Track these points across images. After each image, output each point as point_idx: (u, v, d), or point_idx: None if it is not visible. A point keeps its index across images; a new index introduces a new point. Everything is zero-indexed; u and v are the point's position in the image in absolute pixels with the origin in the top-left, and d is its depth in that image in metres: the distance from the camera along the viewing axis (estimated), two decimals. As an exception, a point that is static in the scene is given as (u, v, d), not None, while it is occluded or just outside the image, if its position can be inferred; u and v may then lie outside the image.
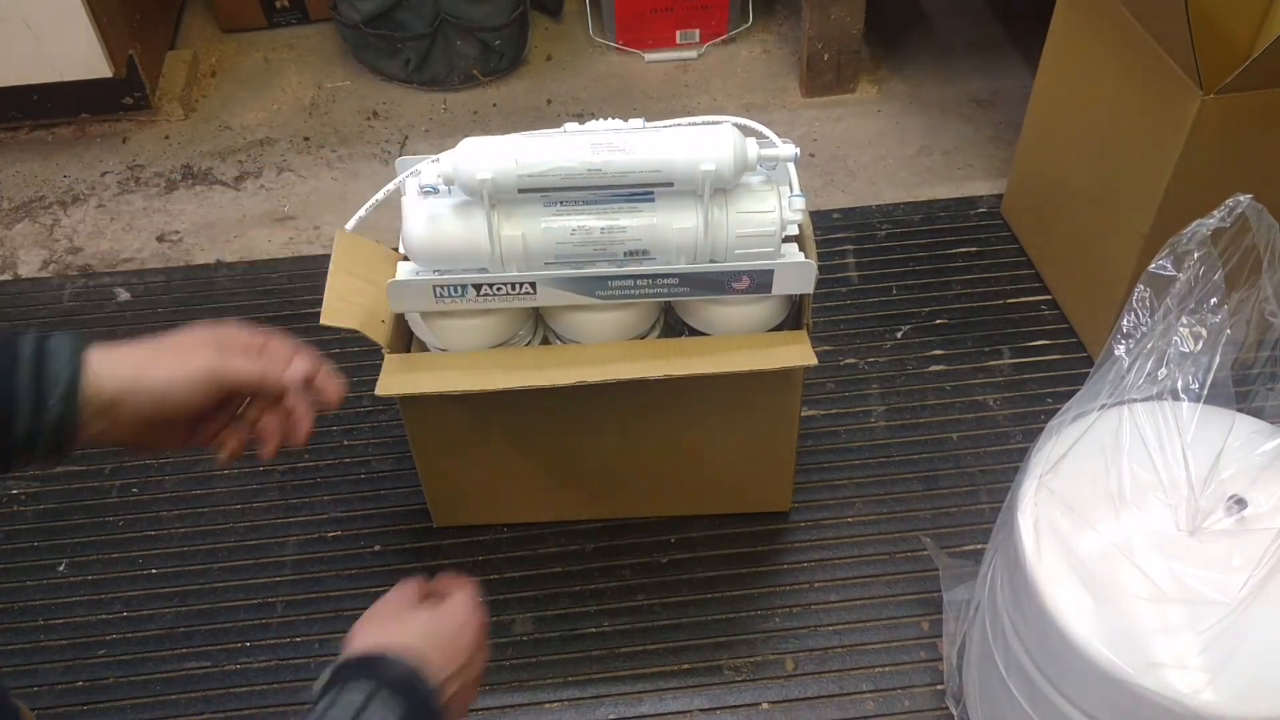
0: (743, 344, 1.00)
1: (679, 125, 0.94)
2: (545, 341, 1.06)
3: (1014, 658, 0.85)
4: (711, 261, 0.95)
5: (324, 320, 0.97)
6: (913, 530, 1.16)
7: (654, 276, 0.96)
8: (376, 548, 1.18)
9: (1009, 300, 1.39)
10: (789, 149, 0.93)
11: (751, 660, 1.08)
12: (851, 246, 1.47)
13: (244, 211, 1.59)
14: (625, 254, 0.94)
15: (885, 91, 1.72)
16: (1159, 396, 0.83)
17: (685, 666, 1.08)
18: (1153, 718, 0.74)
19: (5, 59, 1.61)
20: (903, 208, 1.52)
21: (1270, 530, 0.76)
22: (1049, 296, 1.38)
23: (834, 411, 1.28)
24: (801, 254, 0.98)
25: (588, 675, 1.07)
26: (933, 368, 1.32)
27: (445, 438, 1.09)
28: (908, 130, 1.65)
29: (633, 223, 0.93)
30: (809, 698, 1.05)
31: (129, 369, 0.57)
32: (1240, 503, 0.79)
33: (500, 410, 1.06)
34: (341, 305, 0.99)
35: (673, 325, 1.06)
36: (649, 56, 1.81)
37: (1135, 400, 0.84)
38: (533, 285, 0.96)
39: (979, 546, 1.13)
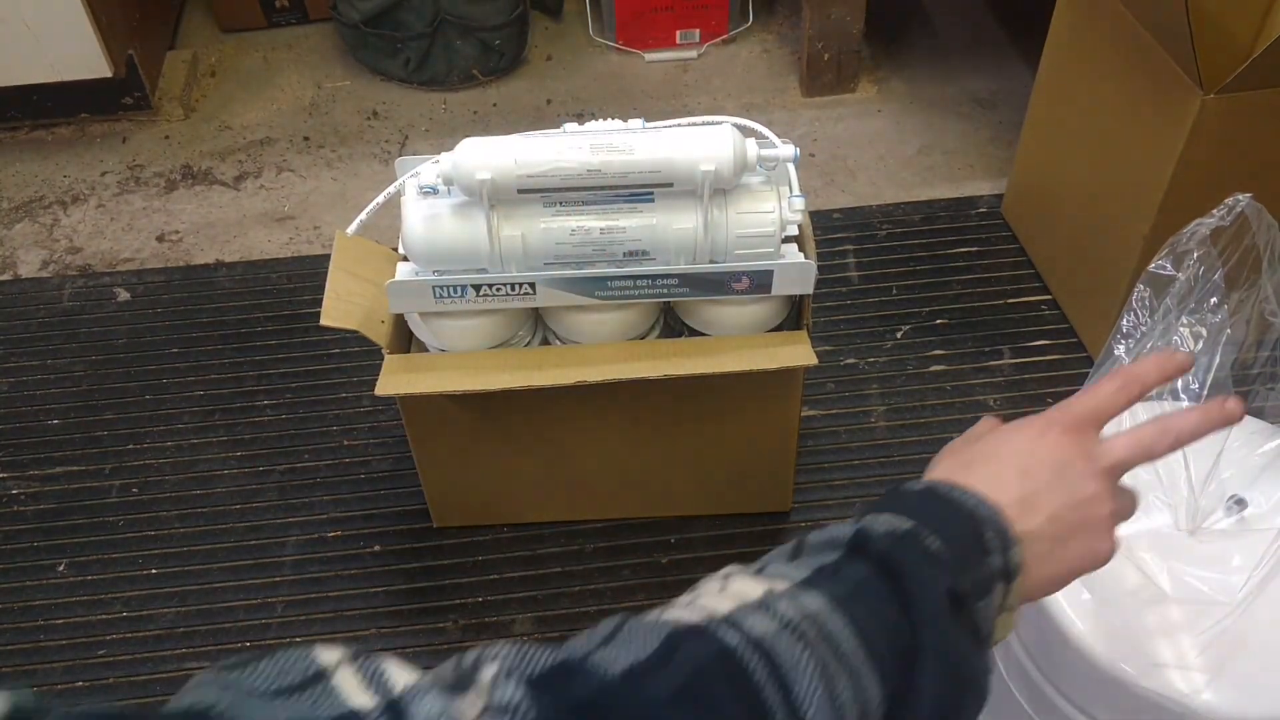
0: (743, 344, 1.00)
1: (678, 125, 0.94)
2: (545, 342, 1.06)
3: (1014, 657, 0.85)
4: (711, 262, 0.95)
5: (324, 320, 0.97)
6: (913, 530, 1.16)
7: (653, 277, 0.96)
8: (376, 548, 1.18)
9: (1009, 300, 1.39)
10: (788, 149, 0.93)
11: (751, 660, 1.07)
12: (851, 246, 1.46)
13: (244, 211, 1.59)
14: (625, 254, 0.94)
15: (885, 91, 1.72)
16: (1159, 396, 0.83)
17: (685, 666, 1.08)
18: (1153, 718, 0.74)
19: (5, 59, 1.61)
20: (903, 208, 1.52)
21: (1270, 530, 0.76)
22: (1049, 296, 1.38)
23: (834, 411, 1.27)
24: (801, 254, 0.98)
25: (588, 675, 1.07)
26: (933, 368, 1.32)
27: (445, 438, 1.09)
28: (908, 130, 1.65)
29: (632, 223, 0.93)
30: (809, 698, 1.05)
31: None
32: (1240, 503, 0.79)
33: (500, 410, 1.06)
34: (341, 305, 0.99)
35: (673, 325, 1.06)
36: (649, 56, 1.81)
37: (1135, 400, 0.84)
38: (532, 285, 0.96)
39: (979, 546, 1.13)
